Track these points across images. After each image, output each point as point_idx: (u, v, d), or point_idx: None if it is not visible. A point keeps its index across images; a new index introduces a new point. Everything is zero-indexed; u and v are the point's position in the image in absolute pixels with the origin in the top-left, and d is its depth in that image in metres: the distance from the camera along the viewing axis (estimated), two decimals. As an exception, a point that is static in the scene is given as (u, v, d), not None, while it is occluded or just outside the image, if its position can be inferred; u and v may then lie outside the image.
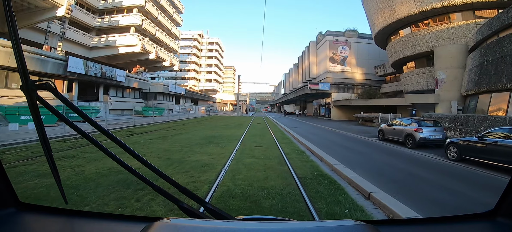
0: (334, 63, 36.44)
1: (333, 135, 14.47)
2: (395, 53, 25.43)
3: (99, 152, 1.52)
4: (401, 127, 10.86)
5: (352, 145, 10.58)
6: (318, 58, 40.90)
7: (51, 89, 0.71)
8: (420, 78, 23.69)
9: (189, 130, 14.19)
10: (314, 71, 41.30)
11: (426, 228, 0.84)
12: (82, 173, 4.58)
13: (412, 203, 3.66)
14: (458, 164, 7.00)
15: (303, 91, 38.94)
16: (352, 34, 37.95)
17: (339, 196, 3.82)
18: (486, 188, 4.87)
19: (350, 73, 36.87)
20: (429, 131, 10.01)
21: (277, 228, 0.73)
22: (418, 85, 23.84)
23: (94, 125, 0.79)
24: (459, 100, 19.06)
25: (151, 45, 34.63)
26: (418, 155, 8.54)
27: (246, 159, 6.35)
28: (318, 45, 41.01)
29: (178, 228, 0.67)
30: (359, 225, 0.68)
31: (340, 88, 34.55)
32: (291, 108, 61.74)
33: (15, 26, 0.63)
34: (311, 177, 4.81)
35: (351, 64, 37.12)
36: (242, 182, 4.30)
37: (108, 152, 0.76)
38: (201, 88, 78.08)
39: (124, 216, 0.88)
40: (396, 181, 5.13)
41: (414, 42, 22.99)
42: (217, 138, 10.38)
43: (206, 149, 7.60)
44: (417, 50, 22.78)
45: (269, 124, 20.16)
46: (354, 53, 37.47)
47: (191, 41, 78.81)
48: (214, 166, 5.53)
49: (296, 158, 6.75)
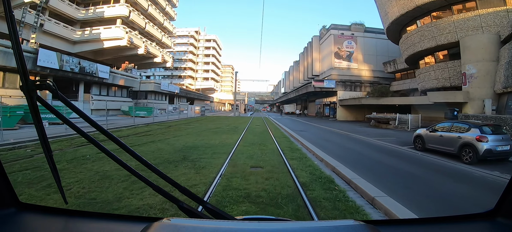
0: (339, 59, 33.55)
1: (350, 141, 11.57)
2: (411, 46, 22.55)
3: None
4: (452, 133, 7.95)
5: (388, 159, 7.68)
6: (321, 55, 38.02)
7: (51, 90, 0.70)
8: (441, 73, 20.82)
9: (169, 135, 11.25)
10: (317, 69, 38.41)
11: (425, 228, 0.83)
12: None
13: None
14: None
15: (306, 89, 35.98)
16: (358, 28, 35.08)
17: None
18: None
19: (357, 70, 34.01)
20: (495, 139, 7.15)
21: (277, 228, 0.74)
22: (439, 82, 20.97)
23: (94, 125, 0.79)
24: (493, 98, 16.21)
25: (140, 39, 31.61)
26: (497, 178, 5.65)
27: (233, 205, 3.41)
28: (321, 40, 38.11)
29: (178, 228, 0.67)
30: (359, 225, 0.68)
31: (346, 86, 31.64)
32: (291, 108, 58.68)
33: (15, 26, 0.64)
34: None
35: (358, 61, 34.27)
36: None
37: (108, 152, 0.76)
38: (198, 87, 75.03)
39: (124, 216, 0.88)
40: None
41: (435, 32, 20.11)
42: (198, 150, 7.44)
43: (171, 175, 4.67)
44: (439, 42, 19.89)
45: (270, 126, 17.24)
46: (361, 48, 34.62)
47: (188, 38, 75.74)
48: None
49: (326, 196, 3.84)
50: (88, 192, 3.68)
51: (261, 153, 7.35)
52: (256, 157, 6.64)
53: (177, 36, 77.22)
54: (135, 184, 3.87)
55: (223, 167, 5.47)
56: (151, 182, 0.79)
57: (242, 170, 5.23)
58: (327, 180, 4.75)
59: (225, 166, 5.54)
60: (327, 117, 36.65)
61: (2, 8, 1.18)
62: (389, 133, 15.97)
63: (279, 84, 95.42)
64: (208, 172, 5.03)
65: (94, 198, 3.48)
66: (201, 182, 4.37)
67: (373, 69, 34.51)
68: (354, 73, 33.59)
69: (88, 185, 3.99)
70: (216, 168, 5.37)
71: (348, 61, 33.74)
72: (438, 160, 7.52)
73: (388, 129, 18.60)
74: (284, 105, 66.74)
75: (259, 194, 3.79)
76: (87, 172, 4.69)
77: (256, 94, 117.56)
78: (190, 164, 5.62)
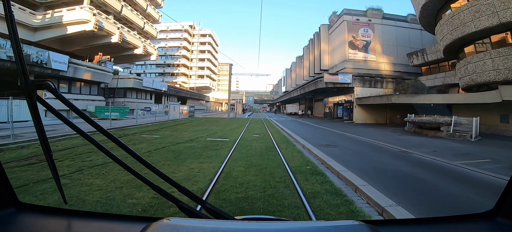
0: (354, 50, 28.19)
1: (438, 176, 6.16)
2: (459, 28, 17.16)
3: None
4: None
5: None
6: (331, 46, 32.63)
7: (50, 89, 0.70)
8: (502, 62, 15.47)
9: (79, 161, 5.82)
10: (326, 62, 33.02)
11: (425, 228, 0.82)
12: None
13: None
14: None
15: (314, 86, 30.39)
16: (375, 14, 29.75)
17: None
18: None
19: (375, 63, 28.66)
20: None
21: (276, 228, 0.73)
22: (499, 73, 15.58)
23: (94, 125, 0.79)
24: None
25: (113, 24, 26.09)
26: None
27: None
28: (331, 29, 32.71)
29: (178, 228, 0.66)
30: (359, 225, 0.68)
31: (365, 81, 26.21)
32: (294, 108, 53.09)
33: (15, 26, 0.64)
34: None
35: (376, 52, 28.92)
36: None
37: (108, 152, 0.76)
38: (192, 85, 69.43)
39: (124, 216, 0.87)
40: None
41: (497, 6, 14.78)
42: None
43: None
44: (503, 18, 14.55)
45: (276, 137, 11.75)
46: (379, 37, 29.28)
47: (181, 33, 70.11)
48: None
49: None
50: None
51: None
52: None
53: (169, 31, 71.72)
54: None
55: None
56: (151, 182, 0.79)
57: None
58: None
59: None
60: (339, 118, 31.14)
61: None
62: (450, 145, 10.58)
63: (279, 83, 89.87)
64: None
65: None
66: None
67: (394, 63, 29.19)
68: (371, 66, 28.22)
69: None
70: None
71: (364, 52, 28.38)
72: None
73: (440, 138, 13.23)
74: (286, 105, 61.12)
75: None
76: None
77: (255, 94, 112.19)
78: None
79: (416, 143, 11.14)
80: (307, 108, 48.40)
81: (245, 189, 4.03)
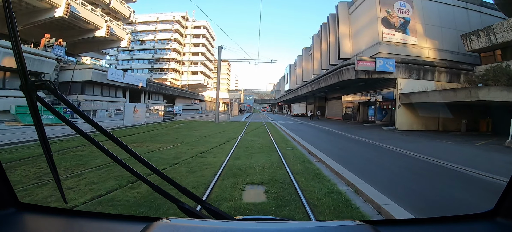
0: (390, 29, 20.80)
1: None
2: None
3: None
4: None
5: None
6: (354, 27, 25.22)
7: (50, 89, 0.70)
8: None
9: None
10: (346, 49, 25.61)
11: (425, 228, 0.81)
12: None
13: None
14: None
15: (337, 78, 22.41)
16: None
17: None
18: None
19: (416, 48, 21.28)
20: None
21: (277, 228, 0.73)
22: None
23: (94, 125, 0.79)
24: None
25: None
26: None
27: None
28: (353, 6, 25.27)
29: (178, 228, 0.66)
30: (359, 225, 0.68)
31: (411, 70, 18.75)
32: (302, 108, 45.64)
33: (15, 26, 0.64)
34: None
35: (417, 33, 21.56)
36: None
37: (108, 152, 0.76)
38: (185, 82, 62.01)
39: (124, 216, 0.87)
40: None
41: None
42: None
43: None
44: None
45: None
46: (419, 15, 21.94)
47: (172, 24, 62.62)
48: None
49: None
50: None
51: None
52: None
53: (159, 22, 64.15)
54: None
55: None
56: (151, 182, 0.78)
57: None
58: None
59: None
60: (370, 122, 23.67)
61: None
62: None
63: (281, 81, 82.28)
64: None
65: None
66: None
67: (439, 48, 21.82)
68: (413, 52, 20.83)
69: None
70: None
71: (402, 33, 21.02)
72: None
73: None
74: (291, 105, 53.47)
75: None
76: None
77: (255, 92, 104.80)
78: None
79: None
80: (316, 108, 40.98)
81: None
